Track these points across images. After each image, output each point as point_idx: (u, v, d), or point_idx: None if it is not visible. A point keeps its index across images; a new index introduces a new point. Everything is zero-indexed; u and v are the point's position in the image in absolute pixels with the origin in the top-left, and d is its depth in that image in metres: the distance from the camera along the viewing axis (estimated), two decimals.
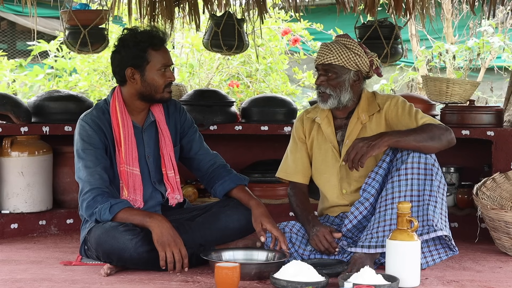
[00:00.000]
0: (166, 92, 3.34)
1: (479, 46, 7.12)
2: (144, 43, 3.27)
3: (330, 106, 3.39)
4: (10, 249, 3.79)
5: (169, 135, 3.43)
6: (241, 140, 4.68)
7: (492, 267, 3.41)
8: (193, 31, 6.36)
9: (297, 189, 3.54)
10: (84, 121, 3.32)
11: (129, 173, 3.31)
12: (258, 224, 3.27)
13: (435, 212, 3.14)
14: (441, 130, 3.22)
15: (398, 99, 3.40)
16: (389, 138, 3.15)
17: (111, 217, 3.15)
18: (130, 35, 3.32)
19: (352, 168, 3.12)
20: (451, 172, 4.37)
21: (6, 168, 4.13)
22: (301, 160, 3.54)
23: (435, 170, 3.19)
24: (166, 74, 3.32)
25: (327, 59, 3.34)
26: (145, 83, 3.31)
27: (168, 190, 3.42)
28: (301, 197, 3.50)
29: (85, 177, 3.23)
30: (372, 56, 3.40)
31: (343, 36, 3.41)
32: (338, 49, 3.34)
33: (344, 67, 3.34)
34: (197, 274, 3.15)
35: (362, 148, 3.11)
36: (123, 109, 3.34)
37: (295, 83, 7.34)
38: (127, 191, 3.30)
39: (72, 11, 4.26)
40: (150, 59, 3.29)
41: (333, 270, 3.08)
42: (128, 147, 3.31)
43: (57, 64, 6.88)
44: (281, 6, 6.77)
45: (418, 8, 4.51)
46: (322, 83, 3.37)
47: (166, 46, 3.36)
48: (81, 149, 3.28)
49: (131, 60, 3.29)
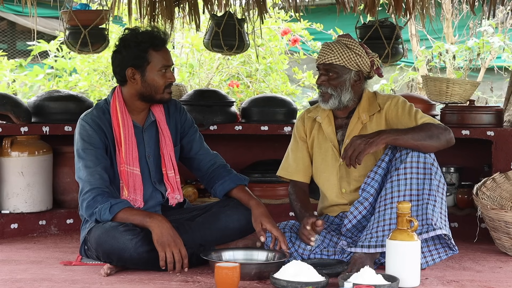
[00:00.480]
0: (166, 93, 3.34)
1: (479, 46, 7.11)
2: (145, 44, 3.27)
3: (331, 107, 3.40)
4: (10, 249, 3.79)
5: (170, 135, 3.43)
6: (241, 140, 4.68)
7: (492, 267, 3.41)
8: (193, 31, 6.35)
9: (297, 188, 3.54)
10: (84, 120, 3.32)
11: (129, 173, 3.31)
12: (258, 224, 3.27)
13: (434, 211, 3.14)
14: (440, 129, 3.22)
15: (398, 99, 3.40)
16: (387, 136, 3.15)
17: (111, 217, 3.15)
18: (131, 35, 3.32)
19: (350, 165, 3.13)
20: (451, 172, 4.37)
21: (6, 168, 4.13)
22: (302, 159, 3.54)
23: (434, 169, 3.19)
24: (167, 75, 3.32)
25: (328, 59, 3.35)
26: (145, 84, 3.31)
27: (168, 190, 3.42)
28: (301, 195, 3.50)
29: (85, 177, 3.23)
30: (373, 56, 3.40)
31: (345, 36, 3.42)
32: (339, 49, 3.35)
33: (345, 67, 3.35)
34: (197, 274, 3.15)
35: (360, 145, 3.11)
36: (124, 108, 3.34)
37: (295, 83, 7.34)
38: (127, 191, 3.30)
39: (73, 11, 4.27)
40: (151, 59, 3.29)
41: (333, 270, 3.08)
42: (129, 146, 3.31)
43: (57, 64, 6.88)
44: (281, 6, 6.77)
45: (418, 8, 4.51)
46: (323, 83, 3.38)
47: (167, 47, 3.36)
48: (81, 149, 3.28)
49: (132, 60, 3.29)
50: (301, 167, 3.54)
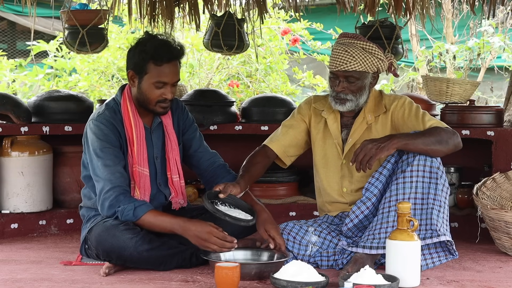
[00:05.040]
0: (158, 107, 3.30)
1: (479, 46, 7.11)
2: (147, 54, 3.23)
3: (348, 109, 3.37)
4: (10, 249, 3.79)
5: (176, 139, 3.43)
6: (241, 140, 4.68)
7: (492, 267, 3.41)
8: (193, 31, 6.35)
9: (264, 152, 3.49)
10: (98, 121, 3.30)
11: (141, 174, 3.31)
12: (264, 231, 3.27)
13: (438, 216, 3.14)
14: (449, 134, 3.21)
15: (405, 100, 3.38)
16: (398, 141, 3.14)
17: (135, 219, 3.15)
18: (144, 40, 3.28)
19: (360, 169, 3.11)
20: (451, 172, 4.37)
21: (6, 168, 4.13)
22: (290, 137, 3.51)
23: (440, 173, 3.19)
24: (161, 91, 3.26)
25: (351, 66, 3.27)
26: (140, 91, 3.30)
27: (172, 194, 3.43)
28: (259, 159, 3.46)
29: (105, 176, 3.21)
30: (390, 58, 3.38)
31: (354, 37, 3.33)
32: (360, 55, 3.27)
33: (365, 72, 3.31)
34: (197, 274, 3.15)
35: (371, 150, 3.09)
36: (134, 109, 3.34)
37: (295, 83, 7.34)
38: (139, 192, 3.29)
39: (71, 11, 4.26)
40: (148, 71, 3.25)
41: (236, 221, 3.14)
42: (140, 147, 3.31)
43: (56, 64, 6.88)
44: (281, 6, 6.76)
45: (418, 8, 4.51)
46: (344, 91, 3.33)
47: (173, 63, 3.27)
48: (99, 149, 3.25)
49: (133, 64, 3.30)
50: (285, 143, 3.49)
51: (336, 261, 3.31)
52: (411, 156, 3.20)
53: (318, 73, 7.44)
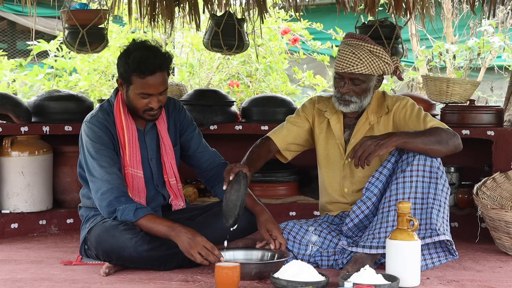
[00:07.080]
0: (146, 115, 3.29)
1: (479, 45, 7.12)
2: (129, 67, 3.19)
3: (351, 110, 3.37)
4: (10, 249, 3.79)
5: (170, 142, 3.43)
6: (241, 140, 4.67)
7: (492, 267, 3.41)
8: (193, 30, 6.36)
9: (268, 145, 3.49)
10: (91, 123, 3.30)
11: (134, 176, 3.31)
12: (265, 232, 3.26)
13: (438, 216, 3.14)
14: (449, 135, 3.21)
15: (407, 101, 3.39)
16: (398, 139, 3.14)
17: (134, 219, 3.14)
18: (128, 50, 3.24)
19: (358, 165, 3.11)
20: (451, 172, 4.37)
21: (6, 168, 4.13)
22: (294, 133, 3.51)
23: (440, 173, 3.19)
24: (146, 101, 3.23)
25: (358, 69, 3.27)
26: (128, 99, 3.29)
27: (171, 197, 3.43)
28: (262, 151, 3.46)
29: (102, 176, 3.20)
30: (397, 62, 3.38)
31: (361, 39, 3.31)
32: (367, 58, 3.27)
33: (371, 74, 3.31)
34: (197, 274, 3.15)
35: (370, 146, 3.10)
36: (127, 111, 3.33)
37: (295, 83, 7.34)
38: (131, 194, 3.29)
39: (71, 10, 4.26)
40: (133, 82, 3.23)
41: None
42: (132, 149, 3.31)
43: (57, 64, 6.88)
44: (281, 5, 6.77)
45: (418, 8, 4.51)
46: (348, 92, 3.33)
47: (158, 75, 3.21)
48: (93, 150, 3.25)
49: (119, 73, 3.28)
50: (288, 139, 3.50)
51: (336, 260, 3.31)
52: (411, 156, 3.20)
53: (318, 73, 7.45)
